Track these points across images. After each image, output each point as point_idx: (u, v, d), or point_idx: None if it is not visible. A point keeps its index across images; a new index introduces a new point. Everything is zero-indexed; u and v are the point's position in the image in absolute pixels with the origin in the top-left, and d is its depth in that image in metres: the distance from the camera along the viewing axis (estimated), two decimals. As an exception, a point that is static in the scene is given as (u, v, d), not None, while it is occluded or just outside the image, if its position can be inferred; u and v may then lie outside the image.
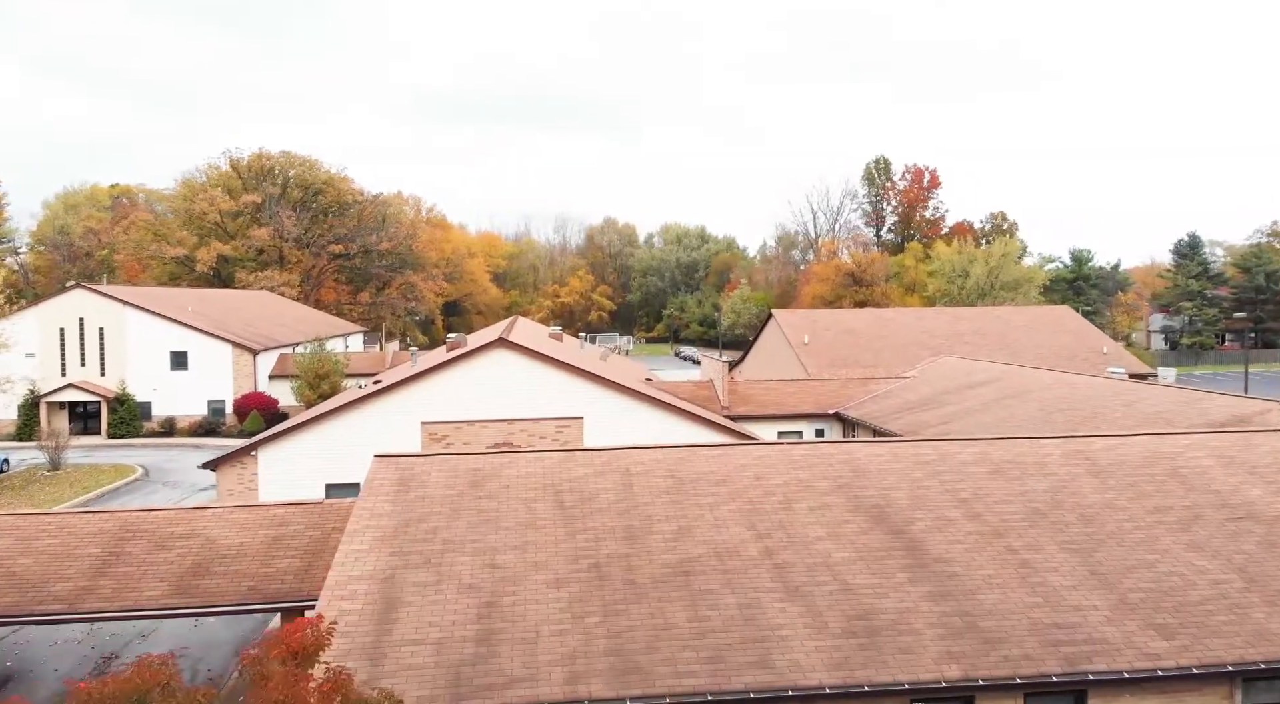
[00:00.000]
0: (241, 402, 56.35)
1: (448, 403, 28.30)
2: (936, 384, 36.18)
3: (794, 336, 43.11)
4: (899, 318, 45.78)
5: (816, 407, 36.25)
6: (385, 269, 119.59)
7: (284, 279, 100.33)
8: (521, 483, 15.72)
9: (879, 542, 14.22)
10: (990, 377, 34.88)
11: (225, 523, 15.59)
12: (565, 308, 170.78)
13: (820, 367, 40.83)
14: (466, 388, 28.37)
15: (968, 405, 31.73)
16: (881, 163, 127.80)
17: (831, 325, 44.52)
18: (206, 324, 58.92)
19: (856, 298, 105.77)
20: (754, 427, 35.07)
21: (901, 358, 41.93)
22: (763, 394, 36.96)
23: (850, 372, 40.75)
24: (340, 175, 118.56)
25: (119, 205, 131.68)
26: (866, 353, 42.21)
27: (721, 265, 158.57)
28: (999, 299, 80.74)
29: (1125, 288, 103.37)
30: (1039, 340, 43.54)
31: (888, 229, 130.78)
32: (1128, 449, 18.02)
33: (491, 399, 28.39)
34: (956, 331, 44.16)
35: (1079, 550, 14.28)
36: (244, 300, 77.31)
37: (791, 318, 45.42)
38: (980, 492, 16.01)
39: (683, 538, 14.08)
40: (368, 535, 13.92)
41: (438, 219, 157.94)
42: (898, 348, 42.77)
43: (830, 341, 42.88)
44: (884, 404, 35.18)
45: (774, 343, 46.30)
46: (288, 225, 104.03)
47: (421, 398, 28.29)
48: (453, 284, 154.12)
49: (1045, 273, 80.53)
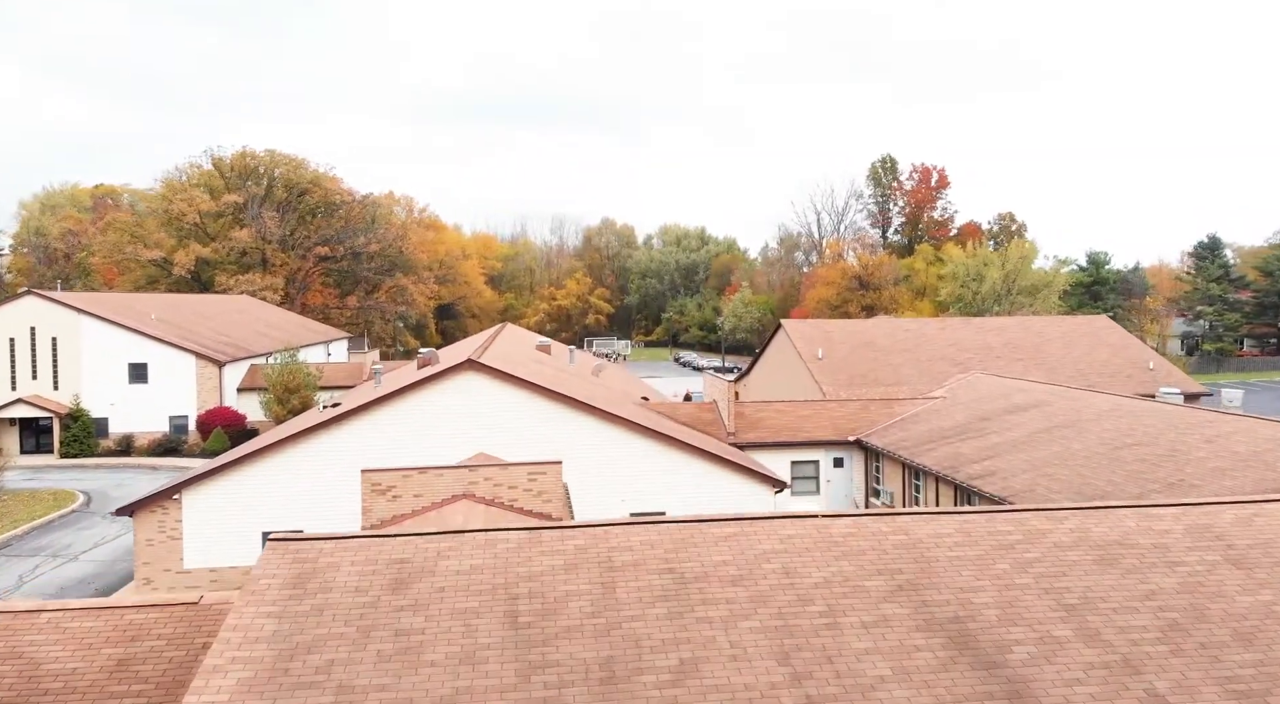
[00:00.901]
0: (205, 418, 52.06)
1: (403, 438, 24.05)
2: (971, 407, 31.89)
3: (806, 350, 38.86)
4: (921, 329, 41.55)
5: (835, 432, 31.97)
6: (373, 272, 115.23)
7: (266, 283, 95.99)
8: (463, 583, 11.44)
9: (966, 683, 9.94)
10: (1033, 400, 30.59)
11: (59, 636, 11.47)
12: (562, 311, 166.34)
13: (836, 384, 36.60)
14: (427, 420, 24.11)
15: (1012, 436, 27.45)
16: (888, 162, 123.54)
17: (847, 337, 40.25)
18: (169, 334, 54.63)
19: (864, 302, 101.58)
20: (764, 456, 30.81)
21: (927, 374, 37.67)
22: (773, 417, 32.68)
23: (870, 390, 36.48)
24: (328, 175, 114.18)
25: (102, 206, 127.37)
26: (887, 369, 37.96)
27: (722, 267, 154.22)
28: (1015, 304, 76.49)
29: (1144, 292, 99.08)
30: (1077, 354, 39.33)
31: (894, 230, 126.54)
32: (1268, 521, 13.76)
33: (457, 434, 24.14)
34: (985, 345, 39.94)
35: (1249, 694, 10.02)
36: (219, 306, 72.99)
37: (802, 329, 41.20)
38: (1091, 593, 11.72)
39: (686, 680, 9.81)
40: (230, 678, 9.65)
41: (430, 220, 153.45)
42: (921, 363, 38.53)
43: (846, 356, 38.63)
44: (912, 431, 30.90)
45: (783, 355, 42.04)
46: (270, 226, 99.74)
47: (372, 432, 24.05)
48: (446, 287, 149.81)
49: (1064, 276, 76.21)
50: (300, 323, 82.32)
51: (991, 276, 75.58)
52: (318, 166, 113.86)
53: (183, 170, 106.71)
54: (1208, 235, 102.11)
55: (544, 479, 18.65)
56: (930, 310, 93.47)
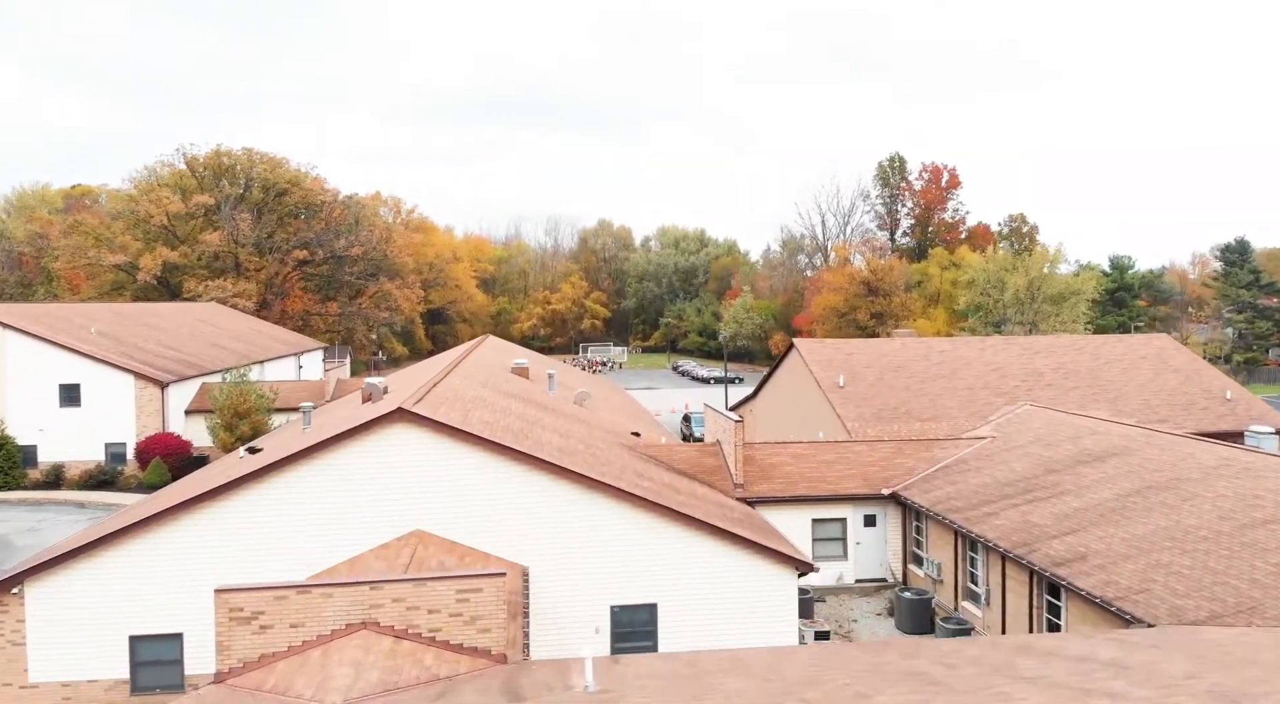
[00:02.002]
0: (145, 445, 46.36)
1: (308, 519, 18.38)
2: (1030, 452, 26.22)
3: (824, 375, 33.19)
4: (958, 350, 35.85)
5: (865, 483, 26.31)
6: (356, 276, 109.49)
7: (239, 289, 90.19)
8: None
9: None
10: (1109, 445, 24.93)
11: None
12: (556, 315, 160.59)
13: (862, 418, 30.96)
14: (337, 495, 18.46)
15: (1095, 498, 21.79)
16: (896, 161, 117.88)
17: (872, 360, 34.56)
18: (109, 350, 48.92)
19: (873, 309, 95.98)
20: (779, 514, 25.18)
21: (967, 405, 32.04)
22: (790, 464, 27.01)
23: (903, 426, 30.80)
24: (310, 174, 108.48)
25: (76, 207, 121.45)
26: (921, 399, 32.32)
27: (722, 270, 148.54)
28: (1039, 314, 70.84)
29: (1169, 298, 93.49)
30: (1140, 381, 33.72)
31: (903, 233, 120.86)
32: None
33: (381, 511, 18.49)
34: (1034, 369, 34.31)
35: None
36: (179, 316, 67.23)
37: (819, 351, 35.44)
38: None
39: None
40: None
41: (419, 221, 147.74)
42: (960, 391, 32.90)
43: (872, 383, 32.96)
44: (962, 483, 25.23)
45: (795, 378, 36.38)
46: (243, 229, 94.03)
47: (264, 510, 18.37)
48: (435, 291, 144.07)
49: (1093, 284, 70.53)
50: (270, 333, 76.63)
51: (1014, 284, 69.89)
52: (299, 166, 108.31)
53: (153, 169, 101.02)
54: (1235, 239, 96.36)
55: (480, 599, 13.03)
56: (945, 319, 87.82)
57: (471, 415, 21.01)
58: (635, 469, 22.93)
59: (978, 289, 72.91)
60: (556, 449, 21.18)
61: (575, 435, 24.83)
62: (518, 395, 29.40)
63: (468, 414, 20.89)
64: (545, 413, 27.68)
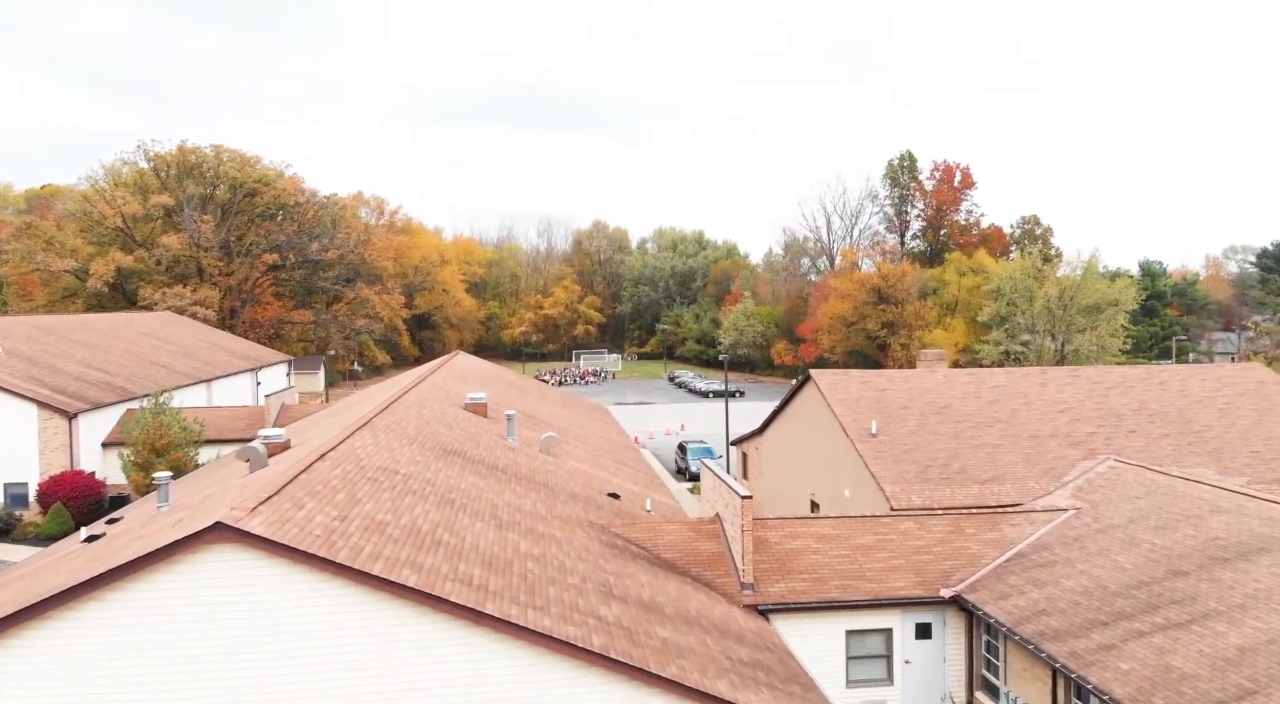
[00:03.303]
0: (48, 486, 39.57)
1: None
2: (1137, 538, 19.49)
3: (851, 420, 26.48)
4: (1015, 385, 29.04)
5: (917, 579, 19.59)
6: (331, 282, 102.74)
7: (199, 297, 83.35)
8: None
9: None
10: (1248, 533, 18.23)
11: None
12: (549, 321, 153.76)
13: (904, 478, 24.26)
14: (133, 650, 11.78)
15: (1258, 628, 15.08)
16: (906, 159, 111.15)
17: (909, 398, 27.75)
18: (12, 373, 42.20)
19: (883, 317, 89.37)
20: (802, 625, 18.51)
21: (1034, 459, 25.32)
22: (814, 548, 20.28)
23: (957, 490, 24.04)
24: (287, 174, 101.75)
25: (40, 208, 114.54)
26: (974, 450, 25.62)
27: (721, 274, 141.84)
28: (1073, 326, 64.12)
29: (1203, 307, 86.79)
30: (1243, 426, 27.06)
31: (913, 235, 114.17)
32: None
33: (191, 684, 11.81)
34: (1109, 410, 27.63)
35: None
36: (118, 329, 60.44)
37: (843, 386, 28.51)
38: None
39: None
40: None
41: (404, 223, 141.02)
42: (1023, 441, 26.20)
43: (912, 430, 26.26)
44: (1050, 587, 18.49)
45: (814, 417, 29.70)
46: (205, 231, 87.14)
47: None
48: (421, 295, 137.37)
49: (1134, 293, 63.75)
50: (226, 345, 69.77)
51: (1046, 294, 63.13)
52: (272, 164, 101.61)
53: (111, 168, 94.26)
54: (1274, 243, 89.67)
55: None
56: (964, 330, 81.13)
57: (356, 513, 14.30)
58: (601, 581, 16.22)
59: (1004, 299, 66.11)
60: (483, 560, 14.50)
61: (523, 522, 18.10)
62: (459, 451, 22.67)
63: (348, 513, 14.17)
64: (490, 478, 20.98)
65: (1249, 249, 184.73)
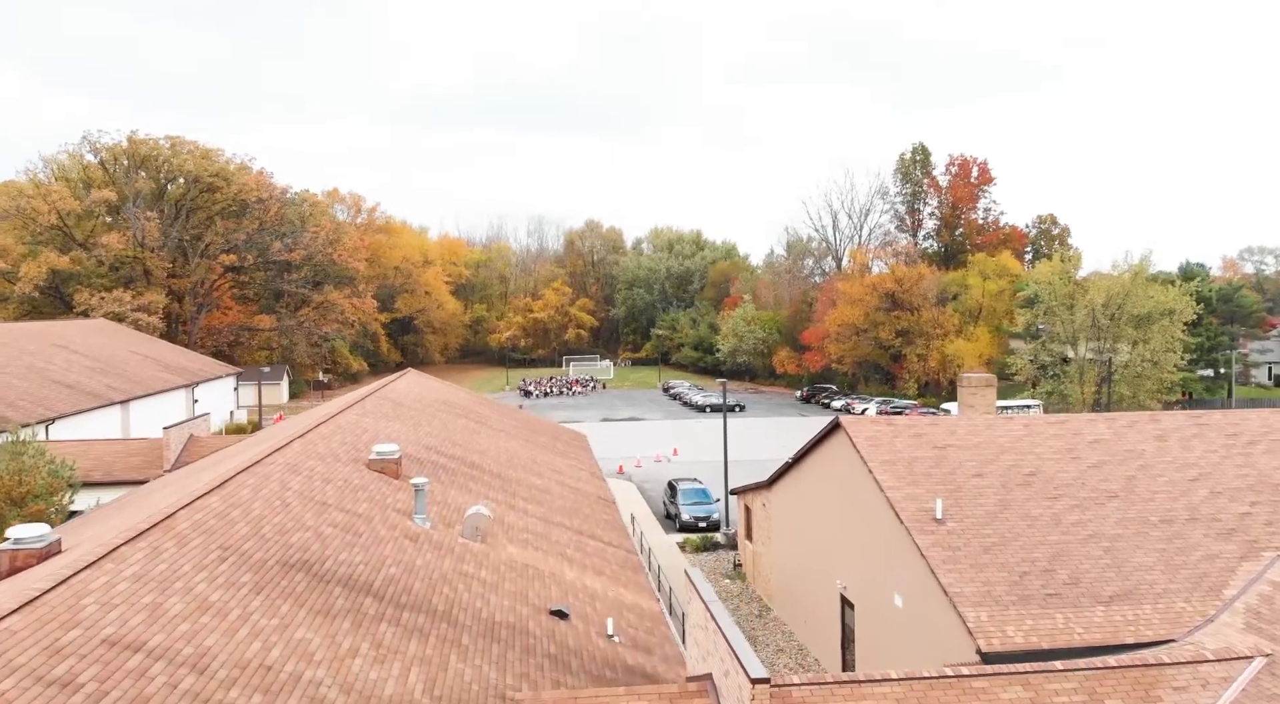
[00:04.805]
0: (-124, 546, 31.51)
1: None
2: None
3: (902, 494, 18.53)
4: (1121, 439, 20.94)
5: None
6: (297, 284, 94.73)
7: (142, 302, 75.30)
8: None
9: None
10: None
11: None
12: (538, 324, 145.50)
13: (991, 595, 16.34)
14: None
15: None
16: (920, 153, 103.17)
17: (982, 461, 19.68)
18: None
19: (897, 325, 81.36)
20: None
21: (1174, 560, 17.40)
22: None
23: (1074, 615, 16.05)
24: (247, 168, 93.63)
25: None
26: (1086, 544, 17.63)
27: (720, 276, 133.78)
28: (1119, 337, 56.19)
29: (1248, 317, 78.85)
30: None
31: (925, 235, 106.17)
32: None
33: None
34: (1260, 474, 19.65)
35: None
36: (20, 342, 52.40)
37: (888, 442, 20.41)
38: None
39: None
40: None
41: (383, 222, 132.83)
42: (1153, 527, 18.29)
43: (993, 512, 18.33)
44: None
45: (845, 479, 21.77)
46: (149, 230, 79.07)
47: None
48: (403, 298, 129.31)
49: (1190, 300, 55.78)
50: (160, 357, 61.78)
51: (1090, 302, 55.18)
52: (233, 156, 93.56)
53: (52, 160, 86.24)
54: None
55: None
56: (989, 340, 73.20)
57: None
58: None
59: (1041, 308, 58.15)
60: None
61: None
62: (309, 563, 14.67)
63: None
64: (343, 619, 13.00)
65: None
